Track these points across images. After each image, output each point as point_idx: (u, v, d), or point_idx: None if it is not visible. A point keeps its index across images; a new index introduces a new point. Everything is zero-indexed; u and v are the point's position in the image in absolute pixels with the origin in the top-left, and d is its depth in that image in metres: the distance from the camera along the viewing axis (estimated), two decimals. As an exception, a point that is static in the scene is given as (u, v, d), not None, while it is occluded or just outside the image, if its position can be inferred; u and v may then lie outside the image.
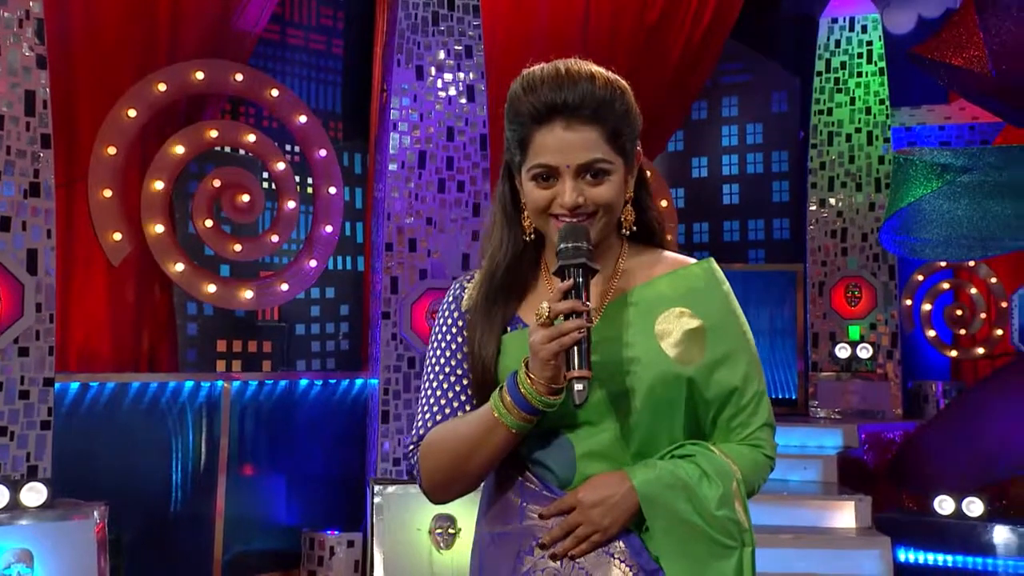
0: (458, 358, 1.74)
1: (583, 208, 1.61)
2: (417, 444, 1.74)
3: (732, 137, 8.43)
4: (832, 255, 7.45)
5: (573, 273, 1.54)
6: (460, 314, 1.76)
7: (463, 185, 5.52)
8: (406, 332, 5.30)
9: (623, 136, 1.64)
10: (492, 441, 1.60)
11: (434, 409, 1.73)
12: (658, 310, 1.65)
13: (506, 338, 1.69)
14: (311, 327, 8.34)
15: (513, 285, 1.73)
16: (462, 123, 5.56)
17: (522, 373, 1.56)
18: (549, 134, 1.61)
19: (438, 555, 5.04)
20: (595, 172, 1.62)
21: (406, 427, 5.36)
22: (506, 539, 1.67)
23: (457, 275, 5.46)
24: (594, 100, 1.60)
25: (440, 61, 5.57)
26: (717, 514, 1.57)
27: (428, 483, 1.72)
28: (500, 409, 1.58)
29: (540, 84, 1.62)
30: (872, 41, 7.69)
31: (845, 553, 4.73)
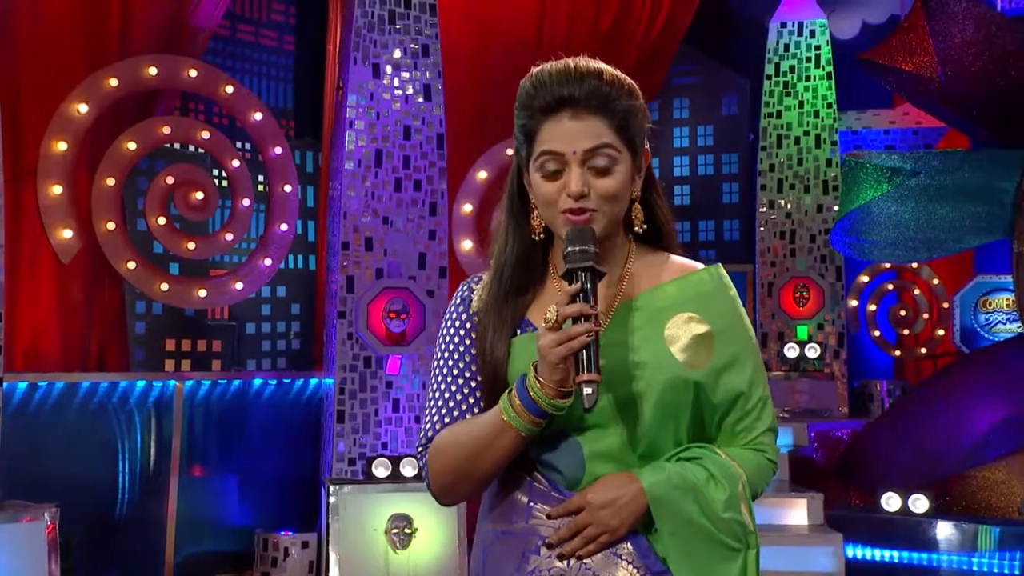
0: (467, 360, 1.74)
1: (588, 199, 1.62)
2: (426, 446, 1.74)
3: (683, 139, 8.52)
4: (781, 256, 7.56)
5: (580, 277, 1.55)
6: (469, 316, 1.77)
7: (420, 184, 5.51)
8: (362, 331, 5.28)
9: (631, 130, 1.66)
10: (501, 444, 1.61)
11: (443, 411, 1.73)
12: (667, 315, 1.66)
13: (515, 341, 1.70)
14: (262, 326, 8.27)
15: (522, 285, 1.73)
16: (419, 122, 5.55)
17: (531, 376, 1.57)
18: (556, 125, 1.63)
19: (394, 555, 5.03)
20: (601, 162, 1.63)
21: (361, 427, 5.34)
22: (511, 538, 1.68)
23: (414, 275, 5.46)
24: (601, 94, 1.62)
25: (397, 60, 5.56)
26: (724, 516, 1.59)
27: (437, 484, 1.72)
28: (509, 412, 1.59)
29: (549, 79, 1.64)
30: (820, 46, 7.81)
31: (800, 550, 4.81)
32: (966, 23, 5.61)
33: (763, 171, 7.68)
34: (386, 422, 5.38)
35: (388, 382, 5.38)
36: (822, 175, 7.58)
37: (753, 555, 1.62)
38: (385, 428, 5.37)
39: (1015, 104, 5.63)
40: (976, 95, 5.54)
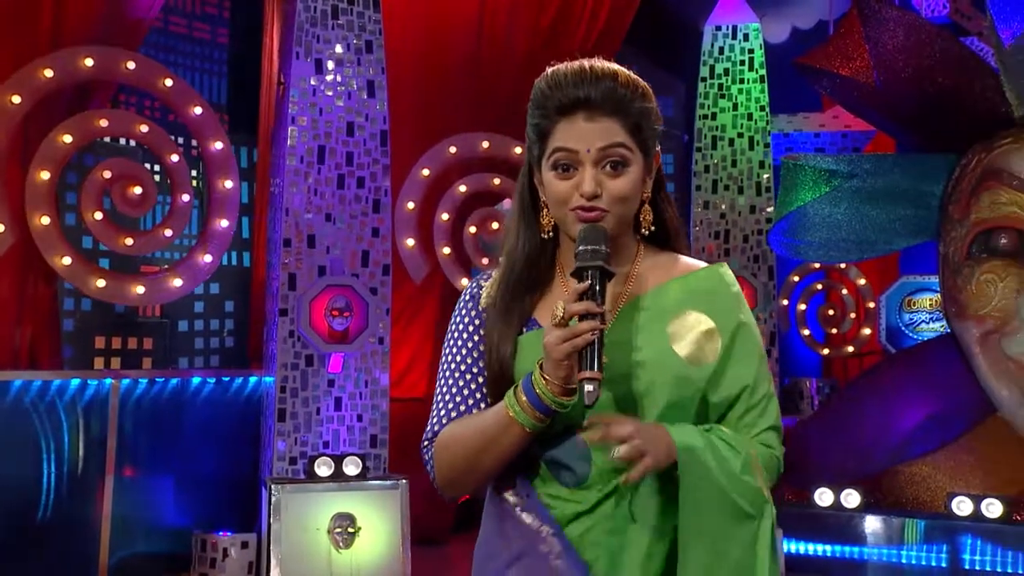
0: (474, 356, 1.75)
1: (600, 199, 1.65)
2: (431, 440, 1.75)
3: (619, 139, 8.59)
4: (716, 256, 7.68)
5: (590, 275, 1.57)
6: (477, 312, 1.78)
7: (363, 181, 5.47)
8: (304, 329, 5.23)
9: (643, 132, 1.68)
10: (506, 439, 1.63)
11: (449, 406, 1.75)
12: (671, 313, 1.69)
13: (522, 339, 1.71)
14: (195, 323, 8.14)
15: (530, 283, 1.75)
16: (362, 119, 5.52)
17: (537, 373, 1.59)
18: (571, 125, 1.66)
19: (337, 555, 5.00)
20: (614, 162, 1.65)
21: (303, 426, 5.29)
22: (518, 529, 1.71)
23: (357, 272, 5.42)
24: (615, 96, 1.65)
25: (340, 55, 5.52)
26: (742, 477, 1.60)
27: (441, 479, 1.74)
28: (515, 408, 1.61)
29: (564, 80, 1.67)
30: (753, 49, 7.95)
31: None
32: (897, 30, 5.78)
33: (698, 172, 7.80)
34: (328, 421, 5.34)
35: (330, 380, 5.34)
36: (755, 176, 7.72)
37: (768, 526, 1.62)
38: (327, 427, 5.33)
39: (941, 110, 5.81)
40: (907, 100, 5.70)
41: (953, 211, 5.94)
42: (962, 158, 5.94)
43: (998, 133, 5.88)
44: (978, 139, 5.88)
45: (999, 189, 5.82)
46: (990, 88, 5.87)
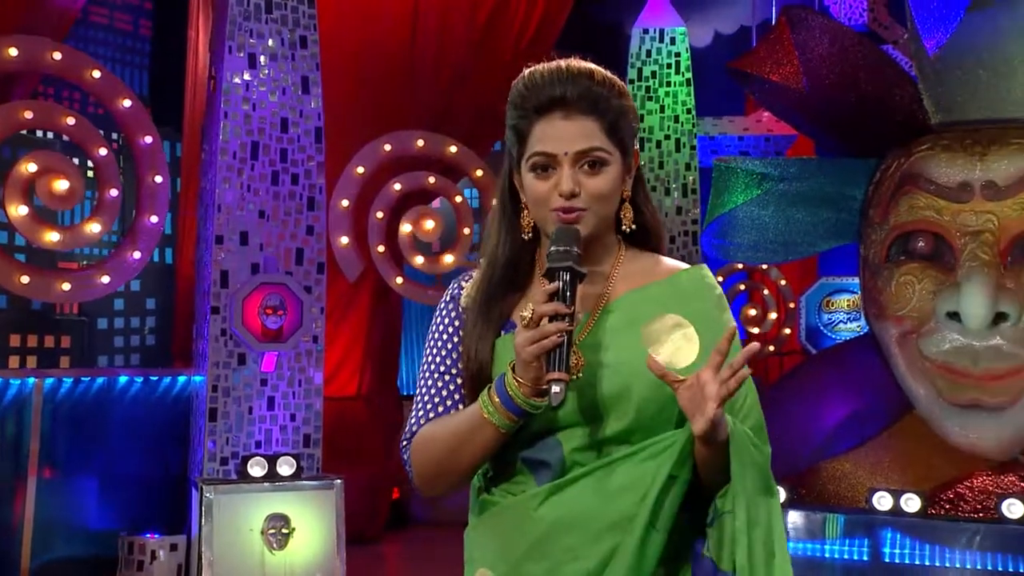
0: (453, 357, 1.76)
1: (579, 198, 1.65)
2: (410, 440, 1.75)
3: (548, 139, 8.64)
4: (643, 256, 7.78)
5: (560, 276, 1.57)
6: (457, 313, 1.78)
7: (297, 178, 5.42)
8: (236, 328, 5.15)
9: (621, 131, 1.69)
10: (480, 439, 1.64)
11: (427, 407, 1.75)
12: (649, 315, 1.68)
13: (499, 341, 1.71)
14: (115, 321, 7.96)
15: (510, 284, 1.74)
16: (297, 115, 5.46)
17: (509, 375, 1.60)
18: (548, 125, 1.66)
19: (271, 556, 4.95)
20: (592, 162, 1.66)
21: (235, 425, 5.22)
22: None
23: (291, 270, 5.37)
24: (592, 94, 1.66)
25: (273, 50, 5.45)
26: (766, 459, 1.63)
27: (418, 477, 1.74)
28: (488, 408, 1.62)
29: (541, 79, 1.67)
30: (680, 53, 8.08)
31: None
32: (822, 38, 5.94)
33: (626, 173, 7.88)
34: (260, 420, 5.27)
35: (263, 379, 5.28)
36: (682, 178, 7.85)
37: (777, 503, 1.64)
38: (259, 427, 5.26)
39: (864, 116, 5.99)
40: (833, 106, 5.86)
41: (873, 214, 6.11)
42: (882, 163, 6.12)
43: (916, 139, 6.07)
44: (897, 145, 6.07)
45: (917, 194, 6.00)
46: (909, 96, 6.06)
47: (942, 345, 5.64)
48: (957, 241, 5.85)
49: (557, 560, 1.63)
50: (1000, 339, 5.55)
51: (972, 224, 5.90)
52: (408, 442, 1.75)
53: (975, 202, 5.92)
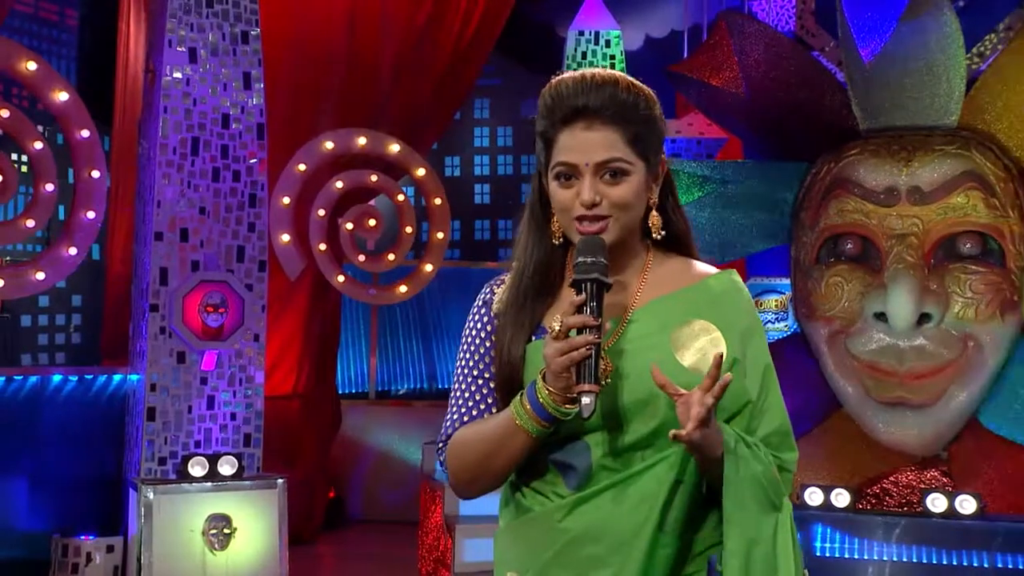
0: (486, 361, 1.79)
1: (600, 207, 1.68)
2: (445, 443, 1.79)
3: (484, 138, 8.69)
4: (578, 256, 7.85)
5: (586, 288, 1.60)
6: (490, 318, 1.81)
7: (239, 175, 5.37)
8: (176, 325, 5.09)
9: (644, 140, 1.71)
10: (513, 444, 1.68)
11: (462, 410, 1.79)
12: (677, 320, 1.71)
13: (530, 347, 1.73)
14: (39, 318, 7.78)
15: (540, 289, 1.77)
16: (238, 111, 5.40)
17: (540, 382, 1.64)
18: (571, 135, 1.69)
19: (212, 556, 4.90)
20: (613, 172, 1.68)
21: (173, 425, 5.15)
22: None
23: (232, 268, 5.31)
24: (615, 103, 1.68)
25: (214, 45, 5.39)
26: (769, 474, 1.66)
27: (454, 480, 1.79)
28: (521, 415, 1.66)
29: (566, 89, 1.70)
30: (615, 55, 8.16)
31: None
32: (758, 44, 6.08)
33: (562, 173, 7.94)
34: (200, 419, 5.21)
35: (203, 378, 5.22)
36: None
37: (785, 516, 1.68)
38: (199, 426, 5.20)
39: (797, 121, 6.15)
40: (768, 111, 6.00)
41: (804, 217, 6.27)
42: (813, 167, 6.28)
43: (846, 144, 6.25)
44: (828, 149, 6.24)
45: (846, 197, 6.18)
46: (838, 102, 6.24)
47: (869, 345, 5.81)
48: (884, 244, 6.04)
49: (582, 567, 1.67)
50: (923, 339, 5.74)
51: (898, 227, 6.10)
52: (444, 445, 1.79)
53: (901, 206, 6.12)
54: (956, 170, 6.10)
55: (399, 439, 7.93)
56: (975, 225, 6.06)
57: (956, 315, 5.95)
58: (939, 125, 6.17)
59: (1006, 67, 6.22)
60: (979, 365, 6.01)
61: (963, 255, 6.05)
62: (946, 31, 5.97)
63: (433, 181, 6.36)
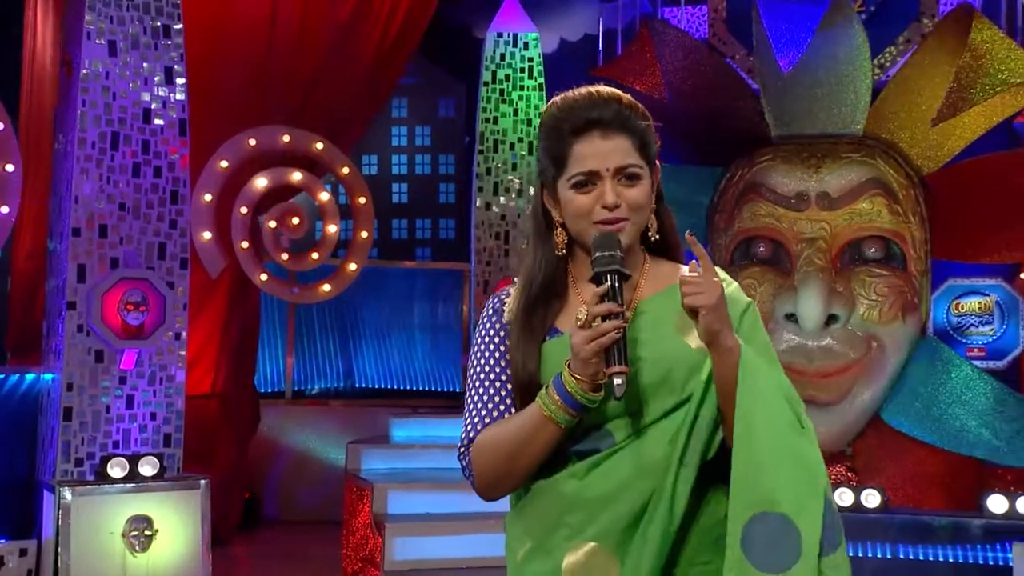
0: (502, 365, 1.88)
1: (620, 210, 1.80)
2: (468, 446, 1.86)
3: (402, 138, 8.69)
4: (496, 256, 7.94)
5: (609, 278, 1.72)
6: (502, 325, 1.91)
7: (160, 171, 5.28)
8: (95, 324, 4.99)
9: (648, 148, 1.86)
10: (541, 437, 1.76)
11: (482, 413, 1.86)
12: (677, 310, 1.80)
13: (545, 346, 1.84)
14: (-65, 314, 7.51)
15: (548, 297, 1.88)
16: (160, 106, 5.32)
17: (566, 373, 1.73)
18: (588, 144, 1.81)
19: (132, 558, 4.82)
20: (629, 176, 1.82)
21: (91, 425, 5.05)
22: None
23: (153, 265, 5.24)
24: (623, 116, 1.83)
25: (136, 38, 5.29)
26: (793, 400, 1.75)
27: (481, 481, 1.84)
28: (549, 407, 1.74)
29: (576, 104, 1.84)
30: (533, 58, 8.27)
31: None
32: (677, 51, 6.23)
33: (480, 174, 8.02)
34: (119, 419, 5.12)
35: (122, 377, 5.12)
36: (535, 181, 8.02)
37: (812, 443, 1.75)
38: (118, 426, 5.11)
39: (714, 126, 6.32)
40: (688, 116, 6.16)
41: (719, 220, 6.46)
42: (727, 172, 6.47)
43: (758, 150, 6.46)
44: (741, 155, 6.43)
45: (758, 202, 6.38)
46: (751, 109, 6.44)
47: (780, 345, 6.01)
48: (794, 247, 6.26)
49: (592, 508, 1.77)
50: (831, 339, 5.96)
51: (807, 232, 6.32)
52: (466, 449, 1.86)
53: (810, 211, 6.35)
54: (862, 177, 6.36)
55: (316, 439, 7.89)
56: (879, 230, 6.33)
57: (861, 316, 6.20)
58: (846, 133, 6.41)
59: (908, 79, 6.50)
60: (882, 365, 6.28)
61: (868, 259, 6.31)
62: (854, 43, 6.21)
63: (357, 180, 6.35)
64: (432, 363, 8.64)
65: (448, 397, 8.36)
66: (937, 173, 6.51)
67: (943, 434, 6.14)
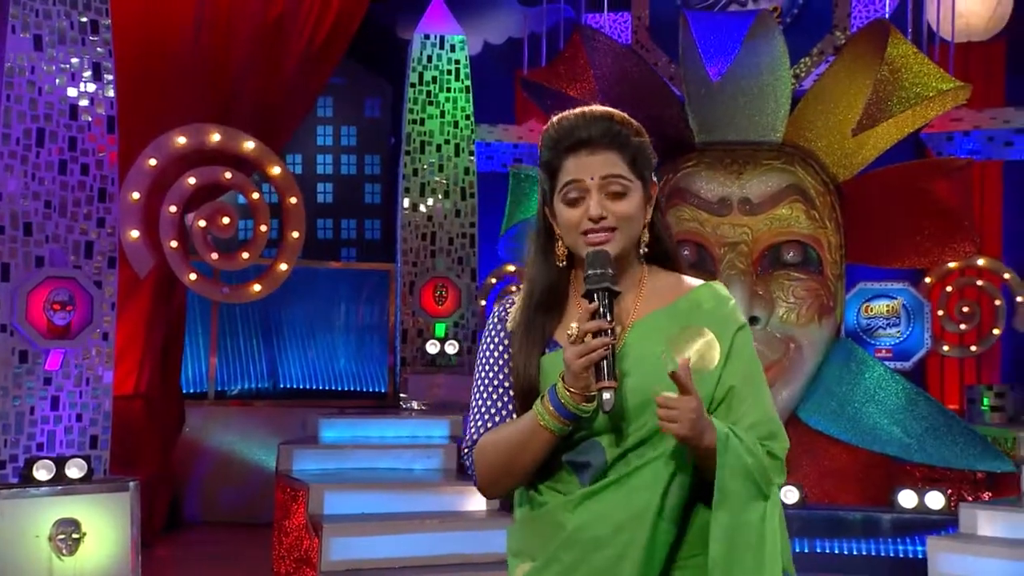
0: (505, 372, 1.98)
1: (607, 220, 1.88)
2: (471, 447, 1.97)
3: (327, 137, 8.65)
4: (423, 256, 7.97)
5: (599, 296, 1.81)
6: (506, 334, 2.00)
7: (88, 168, 5.19)
8: (19, 323, 4.88)
9: (640, 164, 1.94)
10: (536, 443, 1.86)
11: (485, 417, 1.97)
12: (673, 327, 1.90)
13: (544, 360, 1.93)
14: None
15: (549, 307, 1.96)
16: (87, 102, 5.22)
17: (560, 385, 1.83)
18: (577, 159, 1.91)
19: (59, 562, 4.73)
20: (616, 188, 1.89)
21: (14, 427, 4.93)
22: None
23: (80, 264, 5.14)
24: (612, 132, 1.92)
25: (63, 32, 5.19)
26: (759, 464, 1.83)
27: (482, 479, 1.95)
28: (544, 416, 1.85)
29: (570, 124, 1.94)
30: (460, 60, 8.32)
31: (482, 534, 5.20)
32: (607, 57, 6.36)
33: (407, 175, 8.04)
34: (43, 421, 5.01)
35: (47, 378, 5.02)
36: (461, 182, 8.10)
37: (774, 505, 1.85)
38: (42, 428, 5.00)
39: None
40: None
41: (645, 224, 6.61)
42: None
43: (683, 156, 6.63)
44: (666, 161, 6.59)
45: (683, 206, 6.55)
46: (676, 116, 6.60)
47: (703, 346, 6.19)
48: (717, 251, 6.44)
49: (585, 549, 1.85)
50: (752, 341, 6.15)
51: (730, 236, 6.52)
52: (470, 450, 1.97)
53: (733, 216, 6.54)
54: (782, 184, 6.58)
55: (240, 440, 7.81)
56: (797, 235, 6.56)
57: (780, 318, 6.42)
58: (766, 141, 6.63)
59: (825, 90, 6.74)
60: (799, 365, 6.50)
61: (787, 263, 6.53)
62: (775, 54, 6.42)
63: (288, 180, 6.31)
64: (357, 364, 8.63)
65: (374, 397, 8.36)
66: (851, 181, 6.77)
67: (857, 432, 6.38)
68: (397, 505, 5.37)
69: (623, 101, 6.35)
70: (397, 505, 5.37)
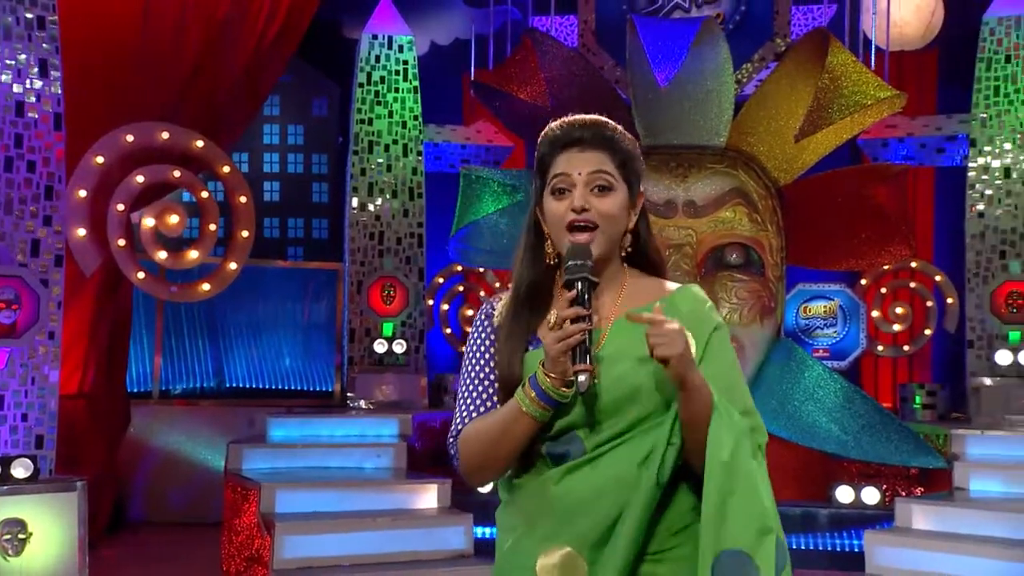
0: (491, 366, 2.07)
1: (589, 214, 1.98)
2: (456, 437, 2.05)
3: (274, 136, 8.62)
4: (370, 256, 7.98)
5: (577, 285, 1.91)
6: (493, 328, 2.10)
7: (34, 166, 5.14)
8: (-36, 322, 4.82)
9: (627, 168, 2.05)
10: (517, 429, 1.95)
11: (470, 408, 2.06)
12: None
13: (527, 356, 2.02)
14: None
15: (535, 303, 2.05)
16: (34, 99, 5.18)
17: (540, 372, 1.92)
18: (567, 156, 2.03)
19: (5, 563, 4.69)
20: (601, 186, 2.00)
21: (-41, 426, 4.88)
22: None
23: (26, 263, 5.10)
24: (604, 135, 2.04)
25: (8, 28, 5.14)
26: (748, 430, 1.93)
27: (465, 466, 2.03)
28: (525, 402, 1.93)
29: (567, 126, 2.06)
30: (408, 60, 8.34)
31: (433, 531, 5.25)
32: (555, 60, 6.44)
33: (355, 174, 8.05)
34: (-12, 421, 4.96)
35: (-9, 378, 4.97)
36: (409, 182, 8.13)
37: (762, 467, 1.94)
38: (-13, 427, 4.95)
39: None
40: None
41: (591, 226, 6.71)
42: (600, 180, 6.72)
43: (629, 159, 6.73)
44: (614, 164, 6.69)
45: (629, 209, 6.66)
46: (622, 119, 6.69)
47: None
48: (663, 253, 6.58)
49: (570, 512, 1.93)
50: (696, 341, 6.28)
51: (675, 238, 6.65)
52: (455, 439, 2.04)
53: (678, 218, 6.68)
54: (725, 187, 6.73)
55: (186, 439, 7.76)
56: (740, 237, 6.71)
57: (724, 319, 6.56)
58: (710, 145, 6.76)
59: (767, 96, 6.91)
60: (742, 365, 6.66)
61: (730, 264, 6.67)
62: (719, 60, 6.56)
63: (238, 178, 6.29)
64: (304, 363, 8.62)
65: (321, 396, 8.35)
66: (791, 185, 6.93)
67: (796, 429, 6.54)
68: (349, 503, 5.40)
69: (572, 104, 6.42)
70: (349, 503, 5.40)
